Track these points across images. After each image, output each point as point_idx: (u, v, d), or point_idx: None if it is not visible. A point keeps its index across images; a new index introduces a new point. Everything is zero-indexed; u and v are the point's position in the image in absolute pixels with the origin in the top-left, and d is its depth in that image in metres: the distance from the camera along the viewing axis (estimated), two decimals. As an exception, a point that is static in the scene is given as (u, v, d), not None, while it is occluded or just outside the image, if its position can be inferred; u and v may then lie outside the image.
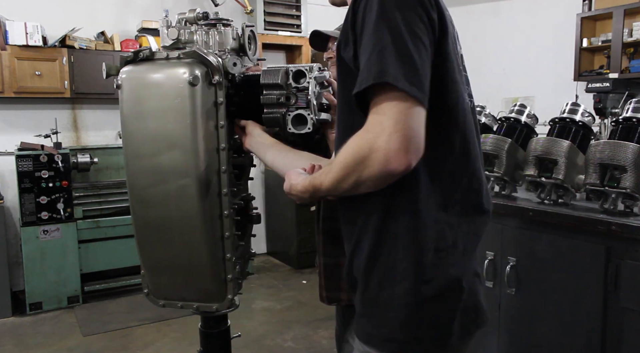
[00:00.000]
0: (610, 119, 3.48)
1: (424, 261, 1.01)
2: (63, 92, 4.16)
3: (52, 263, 3.95)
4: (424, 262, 1.01)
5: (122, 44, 4.44)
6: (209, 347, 1.67)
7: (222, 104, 1.40)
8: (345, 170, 0.94)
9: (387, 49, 0.88)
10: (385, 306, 1.02)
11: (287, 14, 5.15)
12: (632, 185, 1.87)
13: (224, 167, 1.42)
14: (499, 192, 2.42)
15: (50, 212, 3.93)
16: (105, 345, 3.40)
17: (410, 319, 1.01)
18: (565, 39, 4.96)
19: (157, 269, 1.53)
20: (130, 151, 1.42)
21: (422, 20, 0.91)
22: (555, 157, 2.12)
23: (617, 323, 1.90)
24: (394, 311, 1.01)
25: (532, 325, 2.20)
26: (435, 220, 1.02)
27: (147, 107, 1.38)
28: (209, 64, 1.37)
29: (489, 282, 2.35)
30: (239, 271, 1.54)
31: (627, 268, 1.85)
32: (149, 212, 1.44)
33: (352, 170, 0.93)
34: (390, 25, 0.89)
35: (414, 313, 1.01)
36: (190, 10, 1.50)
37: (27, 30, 3.95)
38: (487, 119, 2.59)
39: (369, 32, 0.91)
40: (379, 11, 0.90)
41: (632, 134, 1.95)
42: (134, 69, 1.40)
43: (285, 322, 3.73)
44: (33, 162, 3.87)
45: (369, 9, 0.92)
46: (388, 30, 0.89)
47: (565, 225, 2.02)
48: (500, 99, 5.35)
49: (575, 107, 2.22)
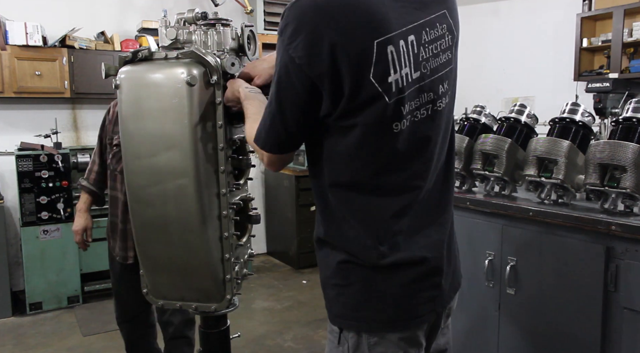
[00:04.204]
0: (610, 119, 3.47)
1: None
2: (63, 92, 4.16)
3: (52, 263, 3.95)
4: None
5: (122, 44, 4.44)
6: (209, 347, 1.67)
7: (220, 103, 1.40)
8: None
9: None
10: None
11: (287, 14, 5.14)
12: (632, 185, 1.87)
13: (222, 167, 1.42)
14: (499, 192, 2.42)
15: (50, 212, 3.93)
16: (105, 345, 3.40)
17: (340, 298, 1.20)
18: (565, 39, 4.95)
19: (156, 269, 1.52)
20: (129, 151, 1.42)
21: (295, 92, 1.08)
22: (555, 157, 2.11)
23: (617, 323, 1.89)
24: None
25: (532, 325, 2.20)
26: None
27: (145, 107, 1.38)
28: (207, 64, 1.37)
29: (489, 282, 2.35)
30: (237, 271, 1.54)
31: (627, 268, 1.85)
32: (147, 211, 1.44)
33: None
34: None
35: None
36: (189, 11, 1.50)
37: (27, 30, 3.94)
38: (487, 119, 2.58)
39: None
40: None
41: (632, 134, 1.94)
42: (132, 69, 1.40)
43: (285, 322, 3.73)
44: (33, 162, 3.87)
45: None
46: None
47: (565, 225, 2.02)
48: (500, 99, 5.34)
49: (575, 107, 2.22)
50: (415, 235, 1.15)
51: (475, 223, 2.39)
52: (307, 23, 1.02)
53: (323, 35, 1.01)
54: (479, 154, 2.38)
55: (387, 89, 1.04)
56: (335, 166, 1.12)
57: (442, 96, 1.15)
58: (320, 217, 1.20)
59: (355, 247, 1.14)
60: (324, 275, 1.21)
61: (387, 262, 1.13)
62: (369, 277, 1.15)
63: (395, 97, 1.05)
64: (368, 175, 1.11)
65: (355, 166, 1.10)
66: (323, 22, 1.01)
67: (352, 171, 1.11)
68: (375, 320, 1.16)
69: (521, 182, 2.34)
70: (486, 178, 2.44)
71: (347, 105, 1.04)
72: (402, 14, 1.06)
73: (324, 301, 1.24)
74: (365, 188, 1.12)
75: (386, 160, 1.10)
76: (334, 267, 1.18)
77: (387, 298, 1.15)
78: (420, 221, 1.17)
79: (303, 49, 1.02)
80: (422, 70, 1.09)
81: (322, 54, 1.01)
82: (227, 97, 1.40)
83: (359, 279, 1.15)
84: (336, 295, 1.18)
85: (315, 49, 1.01)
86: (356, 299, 1.16)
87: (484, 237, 2.37)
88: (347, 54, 1.01)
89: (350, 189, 1.12)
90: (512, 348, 2.30)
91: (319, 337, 3.49)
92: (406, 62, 1.06)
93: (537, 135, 2.38)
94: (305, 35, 1.01)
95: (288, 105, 1.08)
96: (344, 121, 1.07)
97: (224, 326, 1.67)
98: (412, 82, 1.08)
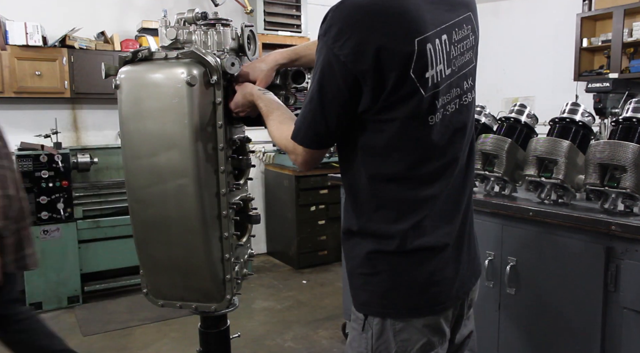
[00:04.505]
0: (610, 119, 3.47)
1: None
2: (63, 92, 4.16)
3: (52, 263, 3.95)
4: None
5: (122, 44, 4.44)
6: (209, 347, 1.67)
7: (220, 103, 1.40)
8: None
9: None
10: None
11: (287, 14, 5.15)
12: (632, 185, 1.87)
13: (222, 167, 1.42)
14: (499, 192, 2.42)
15: (50, 212, 3.92)
16: (105, 345, 3.40)
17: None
18: (565, 39, 4.96)
19: (156, 269, 1.52)
20: (129, 151, 1.42)
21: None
22: (556, 157, 2.11)
23: (617, 323, 1.89)
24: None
25: (532, 325, 2.20)
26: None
27: (145, 107, 1.38)
28: (207, 64, 1.37)
29: (489, 282, 2.35)
30: (237, 271, 1.54)
31: (627, 268, 1.85)
32: (147, 211, 1.44)
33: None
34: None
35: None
36: (189, 11, 1.50)
37: (27, 30, 3.94)
38: (487, 119, 2.58)
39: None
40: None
41: (632, 134, 1.94)
42: (132, 69, 1.40)
43: (285, 322, 3.73)
44: (33, 162, 3.86)
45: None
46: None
47: (565, 225, 2.02)
48: (500, 99, 5.35)
49: (575, 107, 2.22)
50: (441, 222, 1.21)
51: (475, 223, 2.36)
52: (352, 25, 1.07)
53: (368, 36, 1.06)
54: (479, 154, 2.38)
55: (424, 83, 1.11)
56: (375, 159, 1.17)
57: (467, 91, 1.24)
58: (351, 209, 1.25)
59: (384, 234, 1.19)
60: (351, 265, 1.26)
61: (414, 246, 1.18)
62: (395, 265, 1.20)
63: (430, 92, 1.12)
64: (406, 166, 1.16)
65: (394, 158, 1.16)
66: (367, 24, 1.07)
67: (392, 163, 1.16)
68: (401, 306, 1.20)
69: (521, 182, 2.34)
70: (486, 178, 2.44)
71: (387, 99, 1.10)
72: (436, 15, 1.14)
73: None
74: (403, 179, 1.17)
75: (423, 151, 1.16)
76: (362, 256, 1.22)
77: (412, 285, 1.20)
78: (447, 208, 1.22)
79: (348, 48, 1.07)
80: (452, 68, 1.18)
81: (367, 53, 1.06)
82: (237, 102, 1.42)
83: (386, 268, 1.20)
84: (363, 283, 1.23)
85: (360, 48, 1.07)
86: (383, 287, 1.21)
87: (484, 237, 2.36)
88: (391, 53, 1.07)
89: (390, 181, 1.18)
90: (512, 348, 2.30)
91: (319, 337, 3.49)
92: (440, 59, 1.13)
93: (537, 135, 2.38)
94: (350, 36, 1.07)
95: (330, 101, 1.14)
96: (383, 115, 1.12)
97: (223, 326, 1.67)
98: (445, 78, 1.15)
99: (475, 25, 1.26)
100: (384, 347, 1.21)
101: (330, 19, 1.11)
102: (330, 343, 3.39)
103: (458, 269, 1.26)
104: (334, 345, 3.36)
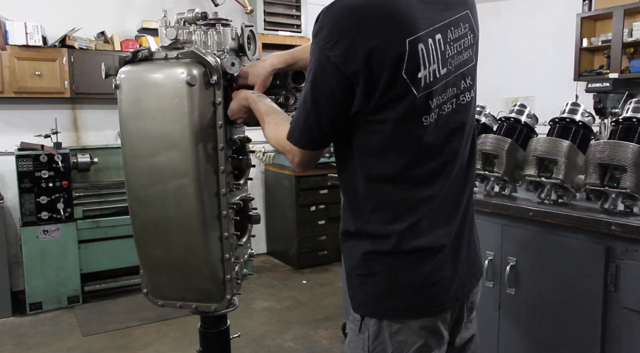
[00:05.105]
0: (610, 119, 3.47)
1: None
2: (63, 92, 4.16)
3: (52, 263, 3.95)
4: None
5: (122, 44, 4.44)
6: (209, 347, 1.67)
7: (220, 103, 1.40)
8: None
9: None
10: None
11: (287, 14, 5.14)
12: (632, 185, 1.87)
13: (222, 167, 1.42)
14: (499, 192, 2.42)
15: (50, 212, 3.92)
16: (105, 345, 3.40)
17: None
18: (565, 39, 4.96)
19: (156, 269, 1.52)
20: (129, 151, 1.42)
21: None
22: (555, 157, 2.11)
23: (617, 323, 1.89)
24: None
25: (532, 325, 2.20)
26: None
27: (145, 107, 1.38)
28: (207, 64, 1.37)
29: (489, 282, 2.35)
30: (237, 271, 1.54)
31: (627, 268, 1.85)
32: (147, 211, 1.44)
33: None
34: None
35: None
36: (189, 11, 1.50)
37: (27, 30, 3.94)
38: (487, 119, 2.58)
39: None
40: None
41: (632, 134, 1.94)
42: (132, 69, 1.40)
43: (285, 322, 3.73)
44: (33, 162, 3.86)
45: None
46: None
47: (565, 225, 2.01)
48: (500, 99, 5.35)
49: (575, 107, 2.22)
50: (438, 222, 1.20)
51: (476, 224, 2.38)
52: (343, 26, 1.07)
53: (358, 38, 1.06)
54: (479, 154, 2.38)
55: (417, 84, 1.10)
56: (370, 160, 1.17)
57: (465, 91, 1.22)
58: (349, 210, 1.24)
59: (381, 234, 1.18)
60: (349, 266, 1.26)
61: (410, 246, 1.17)
62: (392, 266, 1.19)
63: (424, 92, 1.11)
64: (402, 167, 1.16)
65: (389, 159, 1.15)
66: (357, 25, 1.06)
67: (387, 164, 1.16)
68: (398, 307, 1.20)
69: (521, 182, 2.34)
70: (486, 178, 2.44)
71: (380, 100, 1.10)
72: (430, 14, 1.13)
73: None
74: (399, 179, 1.17)
75: (417, 151, 1.15)
76: (359, 257, 1.22)
77: (409, 286, 1.19)
78: (445, 208, 1.21)
79: (339, 50, 1.07)
80: (448, 67, 1.16)
81: (357, 54, 1.06)
82: (233, 109, 1.42)
83: (382, 268, 1.19)
84: (360, 284, 1.23)
85: (350, 50, 1.06)
86: (379, 288, 1.20)
87: (483, 237, 2.35)
88: (382, 55, 1.06)
89: (386, 181, 1.17)
90: (512, 348, 2.30)
91: (319, 337, 3.49)
92: (434, 59, 1.12)
93: (537, 135, 2.38)
94: (341, 37, 1.07)
95: (323, 102, 1.14)
96: (377, 116, 1.12)
97: (223, 326, 1.67)
98: (439, 78, 1.14)
99: (474, 24, 1.25)
100: (381, 348, 1.20)
101: (321, 20, 1.10)
102: (330, 343, 3.39)
103: (456, 270, 1.24)
104: (334, 345, 3.36)
